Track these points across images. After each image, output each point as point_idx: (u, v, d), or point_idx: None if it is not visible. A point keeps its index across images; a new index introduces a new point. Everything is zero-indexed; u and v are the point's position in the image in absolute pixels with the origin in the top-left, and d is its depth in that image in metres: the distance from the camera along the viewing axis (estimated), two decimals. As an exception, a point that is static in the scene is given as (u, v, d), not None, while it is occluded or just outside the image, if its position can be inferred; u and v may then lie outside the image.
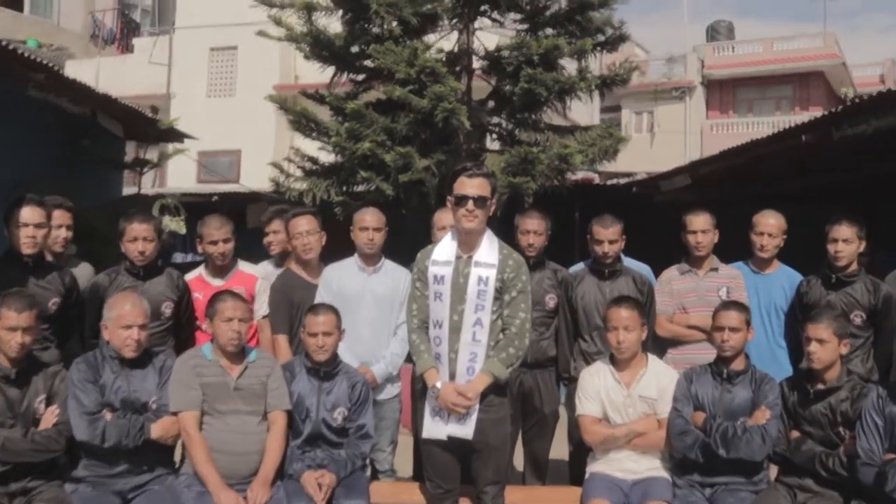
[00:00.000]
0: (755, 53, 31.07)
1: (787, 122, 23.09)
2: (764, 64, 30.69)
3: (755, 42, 31.74)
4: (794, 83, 30.71)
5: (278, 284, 5.18)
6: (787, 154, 6.62)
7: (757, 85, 31.37)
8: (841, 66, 29.95)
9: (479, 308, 3.98)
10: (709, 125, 30.57)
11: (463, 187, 3.99)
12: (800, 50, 30.31)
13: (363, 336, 4.91)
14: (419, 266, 4.17)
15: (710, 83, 31.72)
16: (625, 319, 4.37)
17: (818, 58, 29.78)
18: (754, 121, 29.68)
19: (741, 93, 31.67)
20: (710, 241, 5.20)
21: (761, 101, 31.50)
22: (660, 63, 32.43)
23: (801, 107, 30.16)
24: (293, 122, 8.99)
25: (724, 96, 31.79)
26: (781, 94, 31.12)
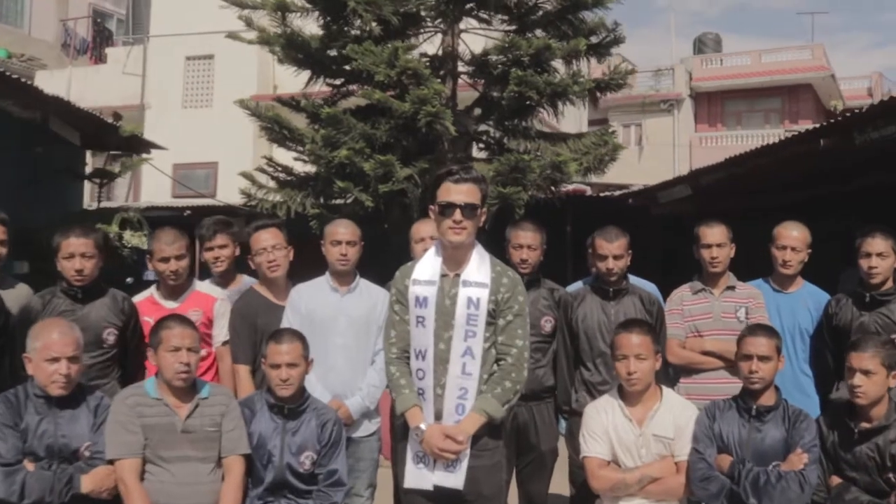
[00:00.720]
0: (743, 66, 30.90)
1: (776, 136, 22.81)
2: (752, 76, 30.52)
3: (743, 54, 31.59)
4: (783, 96, 30.52)
5: (240, 306, 4.62)
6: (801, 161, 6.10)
7: (745, 97, 31.16)
8: (830, 79, 29.78)
9: (470, 335, 3.42)
10: (697, 138, 30.30)
11: (448, 194, 3.44)
12: (788, 62, 30.15)
13: (336, 365, 4.38)
14: (398, 286, 3.61)
15: (698, 96, 31.49)
16: (636, 346, 3.81)
17: (807, 70, 29.60)
18: (743, 133, 29.48)
19: (729, 105, 31.43)
20: (727, 255, 4.68)
21: (750, 114, 31.28)
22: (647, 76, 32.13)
23: (790, 120, 29.97)
24: (265, 130, 8.43)
25: (713, 109, 31.55)
26: (770, 107, 30.91)
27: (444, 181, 3.48)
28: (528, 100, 7.48)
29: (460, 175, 3.46)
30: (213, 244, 4.91)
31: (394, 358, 3.57)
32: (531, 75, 7.25)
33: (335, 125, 7.52)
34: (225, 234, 4.93)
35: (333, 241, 4.49)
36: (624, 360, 3.84)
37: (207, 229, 4.92)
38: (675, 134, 30.24)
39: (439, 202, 3.46)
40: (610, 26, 8.64)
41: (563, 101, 7.95)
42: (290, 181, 8.58)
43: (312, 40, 8.59)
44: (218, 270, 4.94)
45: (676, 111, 30.70)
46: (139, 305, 4.48)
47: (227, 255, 4.94)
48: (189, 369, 3.69)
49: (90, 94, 20.32)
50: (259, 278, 4.74)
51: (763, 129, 29.67)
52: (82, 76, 22.12)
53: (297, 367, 3.86)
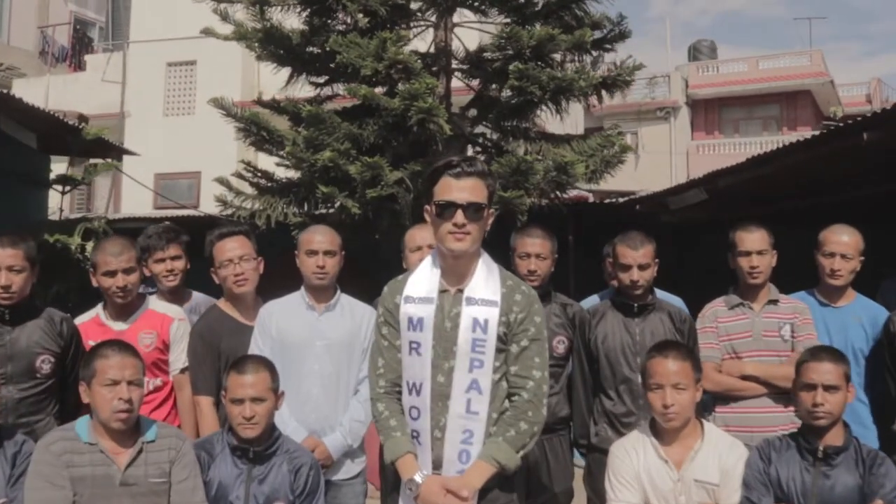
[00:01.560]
0: (740, 72, 30.53)
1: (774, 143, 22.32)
2: (749, 83, 30.13)
3: (740, 61, 31.26)
4: (781, 102, 30.11)
5: (201, 327, 4.00)
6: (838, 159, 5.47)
7: (743, 105, 30.76)
8: (829, 85, 29.40)
9: (476, 365, 2.78)
10: (694, 146, 29.85)
11: (448, 191, 2.82)
12: (786, 68, 29.80)
13: (312, 397, 3.77)
14: (386, 304, 2.97)
15: (695, 103, 31.10)
16: (674, 374, 3.19)
17: (805, 76, 29.24)
18: (741, 141, 29.11)
19: (727, 113, 31.01)
20: (768, 264, 4.06)
21: (748, 122, 30.87)
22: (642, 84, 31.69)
23: (788, 127, 29.56)
24: (242, 132, 7.76)
25: (710, 116, 31.15)
26: (768, 114, 30.51)
27: (442, 176, 2.85)
28: (529, 96, 6.83)
29: (462, 168, 2.83)
30: (165, 255, 4.26)
31: (381, 393, 2.92)
32: (533, 69, 6.60)
33: (318, 125, 6.87)
34: (177, 243, 4.29)
35: (309, 250, 3.86)
36: (658, 390, 3.21)
37: (158, 238, 4.27)
38: (672, 142, 29.77)
39: (437, 201, 2.83)
40: (614, 19, 8.01)
41: (568, 98, 7.30)
42: (270, 187, 7.91)
43: (293, 35, 7.95)
44: (170, 286, 4.29)
45: (673, 119, 30.24)
46: (82, 328, 3.85)
47: (180, 268, 4.31)
48: (130, 408, 3.03)
49: (68, 102, 19.61)
50: (223, 295, 4.09)
51: (761, 136, 29.28)
52: (60, 84, 21.42)
53: (265, 403, 3.22)
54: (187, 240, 4.39)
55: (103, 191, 19.68)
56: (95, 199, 20.03)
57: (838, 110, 28.63)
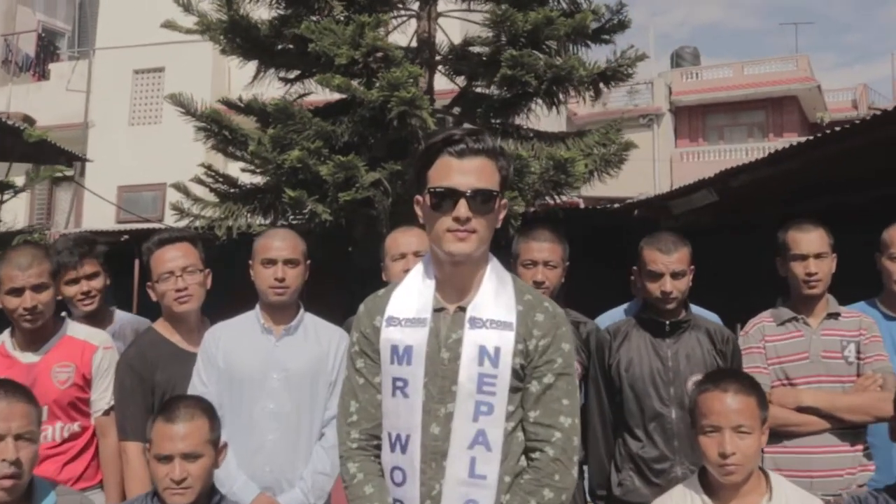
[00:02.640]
0: (725, 78, 30.19)
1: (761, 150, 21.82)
2: (734, 89, 29.78)
3: (724, 66, 30.83)
4: (767, 108, 29.75)
5: (131, 357, 3.25)
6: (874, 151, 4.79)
7: (727, 111, 30.37)
8: (815, 91, 29.07)
9: (483, 411, 2.06)
10: (678, 153, 29.42)
11: (447, 174, 2.12)
12: (771, 74, 29.45)
13: (267, 443, 3.03)
14: (362, 328, 2.24)
15: (679, 110, 30.69)
16: (736, 414, 2.47)
17: (791, 81, 28.89)
18: (726, 148, 28.78)
19: (711, 119, 30.63)
20: (828, 271, 3.35)
21: (732, 128, 30.47)
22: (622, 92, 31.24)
23: (774, 133, 29.19)
24: (202, 131, 6.99)
25: (694, 123, 30.75)
26: (753, 121, 30.12)
27: (440, 154, 2.12)
28: (522, 87, 6.10)
29: (467, 143, 2.11)
30: (79, 274, 3.49)
31: (354, 449, 2.17)
32: (528, 56, 5.87)
33: (286, 120, 6.10)
34: (92, 258, 3.52)
35: (265, 259, 3.13)
36: (714, 434, 2.49)
37: (69, 254, 3.49)
38: (656, 149, 29.23)
39: (432, 188, 2.10)
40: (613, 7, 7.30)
41: (565, 90, 6.58)
42: (232, 194, 7.11)
43: (262, 25, 7.20)
44: (87, 310, 3.53)
45: (656, 126, 29.74)
46: (-20, 360, 3.06)
47: (98, 288, 3.54)
48: (17, 472, 2.28)
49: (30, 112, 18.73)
50: (161, 314, 3.33)
51: (746, 143, 28.95)
52: (23, 94, 20.52)
53: (200, 460, 2.47)
54: (105, 250, 3.62)
55: (64, 204, 18.83)
56: (56, 212, 19.14)
57: (825, 116, 28.30)
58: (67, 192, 18.23)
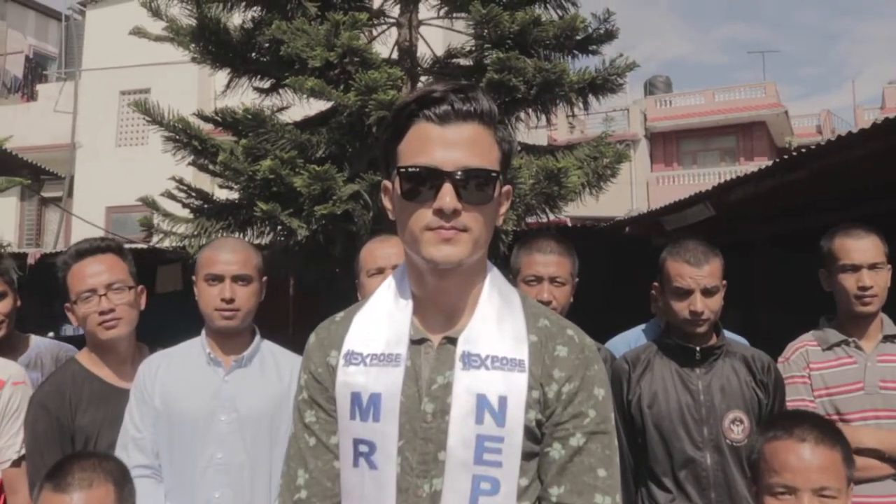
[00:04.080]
0: (697, 105, 30.24)
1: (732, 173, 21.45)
2: (706, 115, 29.76)
3: (696, 94, 30.77)
4: (738, 133, 29.70)
5: (46, 394, 2.56)
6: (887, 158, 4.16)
7: (700, 136, 30.33)
8: (783, 116, 29.05)
9: (485, 489, 1.36)
10: (654, 177, 29.25)
11: (425, 147, 1.41)
12: (741, 100, 29.54)
13: (212, 501, 2.32)
14: (312, 366, 1.52)
15: (654, 136, 30.62)
16: (818, 473, 1.84)
17: (760, 107, 28.95)
18: (699, 172, 28.76)
19: (685, 145, 30.52)
20: (885, 284, 2.67)
21: (705, 153, 30.39)
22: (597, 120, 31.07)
23: (745, 157, 29.04)
24: (169, 140, 6.28)
25: (668, 148, 30.64)
26: (725, 145, 30.08)
27: (415, 120, 1.43)
28: (510, 92, 5.43)
29: (452, 104, 1.40)
30: None
31: None
32: (516, 59, 5.21)
33: (257, 128, 5.40)
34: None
35: (209, 274, 2.41)
36: (787, 496, 1.80)
37: None
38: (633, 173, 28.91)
39: (404, 168, 1.40)
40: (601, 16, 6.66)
41: (554, 98, 5.91)
42: (205, 209, 6.38)
43: (234, 32, 6.52)
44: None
45: (632, 151, 29.45)
46: None
47: (5, 312, 2.83)
48: None
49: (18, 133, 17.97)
50: (85, 342, 2.61)
51: (719, 166, 28.81)
52: (11, 115, 19.73)
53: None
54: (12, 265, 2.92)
55: (53, 225, 18.04)
56: (45, 233, 18.32)
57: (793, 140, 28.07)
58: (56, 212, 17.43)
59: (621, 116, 30.38)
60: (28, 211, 19.02)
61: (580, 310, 4.13)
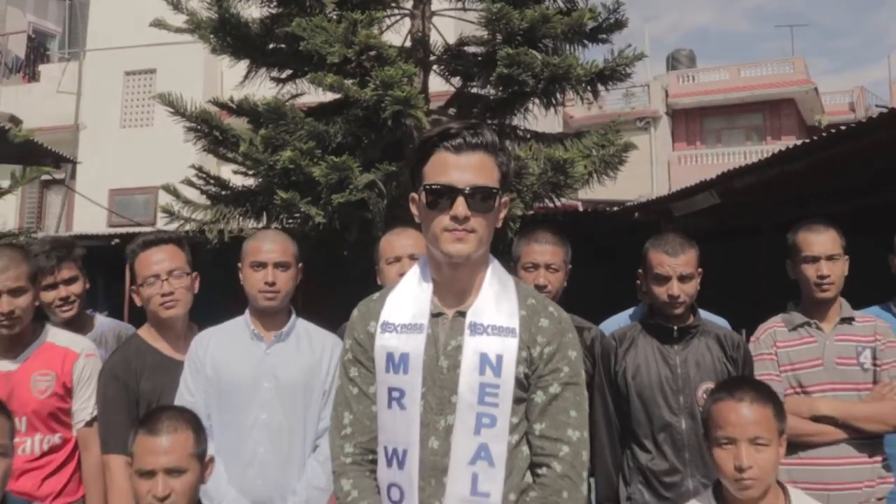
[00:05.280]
0: (721, 81, 30.05)
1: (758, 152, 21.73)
2: (731, 91, 29.60)
3: (721, 69, 30.70)
4: (765, 111, 29.61)
5: (115, 364, 3.14)
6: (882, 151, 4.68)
7: (725, 114, 30.25)
8: (813, 93, 28.92)
9: (486, 423, 1.94)
10: (675, 157, 29.28)
11: (444, 170, 2.00)
12: (768, 76, 29.34)
13: (258, 456, 2.89)
14: (356, 335, 2.12)
15: (675, 113, 30.55)
16: (752, 426, 2.36)
17: (788, 84, 28.76)
18: (723, 151, 28.64)
19: (708, 122, 30.50)
20: (841, 273, 3.23)
21: (730, 131, 30.34)
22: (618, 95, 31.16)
23: (772, 136, 29.04)
24: (192, 132, 6.86)
25: (691, 126, 30.61)
26: (751, 123, 29.99)
27: (436, 150, 2.00)
28: (519, 86, 5.99)
29: (465, 138, 1.99)
30: (56, 279, 3.37)
31: (348, 464, 2.05)
32: (524, 54, 5.76)
33: (277, 120, 5.98)
34: (71, 261, 3.40)
35: (255, 262, 3.00)
36: (729, 446, 2.37)
37: (46, 257, 3.37)
38: (653, 152, 29.16)
39: (428, 186, 1.97)
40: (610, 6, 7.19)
41: (562, 89, 6.46)
42: (224, 196, 6.98)
43: (252, 24, 7.08)
44: (66, 317, 3.41)
45: (653, 129, 29.67)
46: (-49, 368, 2.93)
47: (77, 293, 3.41)
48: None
49: (20, 114, 18.59)
50: (147, 320, 3.20)
51: (744, 146, 28.83)
52: (13, 96, 20.36)
53: (185, 475, 2.35)
54: (83, 253, 3.50)
55: (55, 208, 18.68)
56: (47, 216, 18.98)
57: (823, 119, 28.24)
58: (58, 194, 18.07)
59: (641, 92, 30.37)
60: (29, 194, 19.64)
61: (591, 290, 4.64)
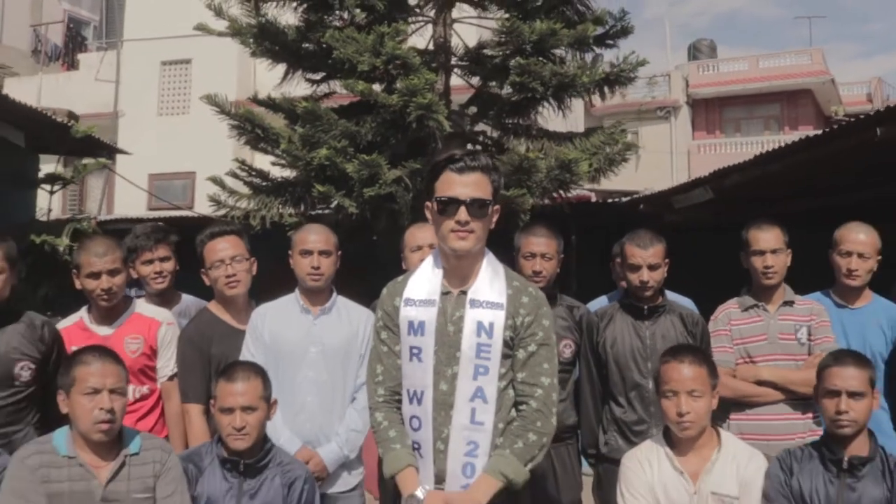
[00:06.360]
0: (741, 71, 30.30)
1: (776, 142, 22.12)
2: (750, 82, 29.87)
3: (740, 60, 31.00)
4: (783, 101, 29.90)
5: (190, 332, 3.84)
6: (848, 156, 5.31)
7: (744, 104, 30.52)
8: (830, 84, 29.19)
9: (481, 372, 2.63)
10: (695, 145, 29.65)
11: (450, 187, 2.67)
12: (787, 67, 29.58)
13: (307, 405, 3.60)
14: (385, 307, 2.81)
15: (696, 102, 30.84)
16: (689, 381, 3.03)
17: (806, 75, 29.03)
18: (742, 140, 28.88)
19: (728, 112, 30.81)
20: (783, 264, 3.90)
21: (749, 121, 30.67)
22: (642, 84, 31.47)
23: (790, 126, 29.32)
24: (236, 130, 7.59)
25: (710, 116, 30.92)
26: (769, 113, 30.30)
27: (444, 170, 2.70)
28: (530, 92, 6.67)
29: (465, 162, 2.68)
30: (153, 256, 4.10)
31: (380, 402, 2.76)
32: (535, 64, 6.44)
33: (314, 121, 6.70)
34: (166, 244, 4.13)
35: (303, 250, 3.69)
36: (673, 397, 3.06)
37: (146, 238, 4.10)
38: (673, 141, 29.58)
39: (438, 198, 2.67)
40: (616, 14, 7.84)
41: (570, 95, 7.14)
42: (265, 187, 7.74)
43: (289, 30, 7.79)
44: (158, 288, 4.13)
45: (673, 118, 30.03)
46: (65, 333, 3.67)
47: (169, 270, 4.15)
48: (112, 418, 2.86)
49: (61, 101, 19.35)
50: (214, 297, 3.92)
51: (762, 135, 29.09)
52: (53, 83, 21.22)
53: (256, 412, 3.05)
54: (177, 240, 4.22)
55: (96, 192, 19.51)
56: (88, 200, 19.84)
57: (840, 109, 28.46)
58: (99, 179, 18.87)
59: (663, 81, 30.75)
60: (59, 173, 20.51)
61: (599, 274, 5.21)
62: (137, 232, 4.16)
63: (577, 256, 8.46)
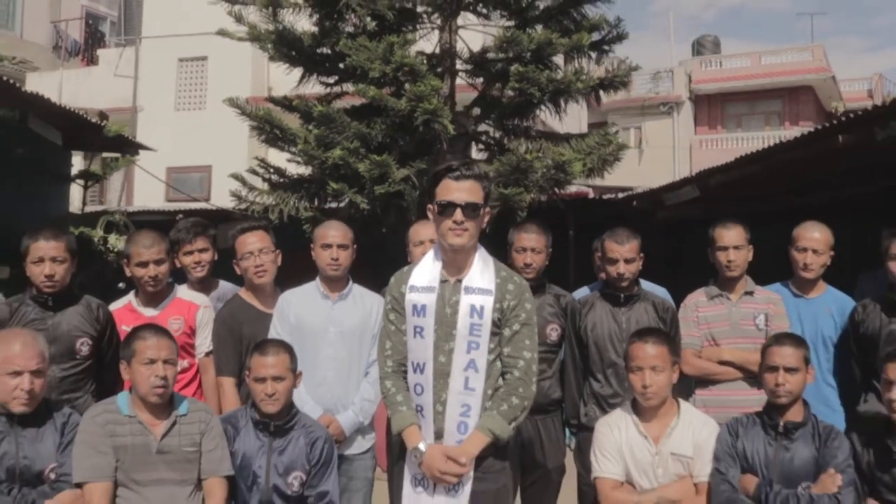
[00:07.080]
0: (743, 68, 30.50)
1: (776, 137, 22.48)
2: (752, 78, 30.08)
3: (743, 56, 31.22)
4: (784, 97, 30.12)
5: (224, 315, 4.34)
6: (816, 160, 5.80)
7: (745, 100, 30.76)
8: (830, 81, 29.41)
9: (473, 346, 3.13)
10: (697, 140, 29.96)
11: (448, 192, 3.16)
12: (788, 64, 29.76)
13: (327, 378, 4.10)
14: (393, 293, 3.32)
15: (698, 98, 31.10)
16: (652, 357, 3.53)
17: (807, 71, 29.21)
18: (743, 136, 29.14)
19: (730, 108, 31.07)
20: (745, 259, 4.39)
21: (750, 117, 30.90)
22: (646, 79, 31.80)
23: (790, 122, 29.59)
24: (256, 130, 8.11)
25: (713, 111, 31.17)
26: (771, 109, 30.52)
27: (443, 178, 3.20)
28: (529, 97, 7.18)
29: (461, 171, 3.18)
30: (193, 248, 4.61)
31: (389, 372, 3.28)
32: (532, 71, 6.95)
33: (328, 124, 7.22)
34: (205, 237, 4.64)
35: (324, 244, 4.19)
36: (639, 371, 3.56)
37: (186, 232, 4.62)
38: (676, 136, 29.92)
39: (438, 201, 3.18)
40: (612, 22, 8.33)
41: (566, 99, 7.65)
42: (282, 183, 8.27)
43: (304, 37, 8.30)
44: (198, 276, 4.64)
45: (676, 113, 30.35)
46: (116, 314, 4.20)
47: (207, 260, 4.65)
48: (166, 384, 3.39)
49: (81, 96, 19.98)
50: (244, 284, 4.45)
51: (763, 131, 29.32)
52: (73, 78, 21.76)
53: (284, 381, 3.57)
54: (214, 233, 4.73)
55: (116, 184, 20.07)
56: (108, 192, 20.41)
57: (840, 105, 28.76)
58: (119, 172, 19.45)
59: (666, 77, 31.06)
60: (93, 169, 21.09)
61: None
62: (180, 227, 4.68)
63: (575, 249, 8.97)
